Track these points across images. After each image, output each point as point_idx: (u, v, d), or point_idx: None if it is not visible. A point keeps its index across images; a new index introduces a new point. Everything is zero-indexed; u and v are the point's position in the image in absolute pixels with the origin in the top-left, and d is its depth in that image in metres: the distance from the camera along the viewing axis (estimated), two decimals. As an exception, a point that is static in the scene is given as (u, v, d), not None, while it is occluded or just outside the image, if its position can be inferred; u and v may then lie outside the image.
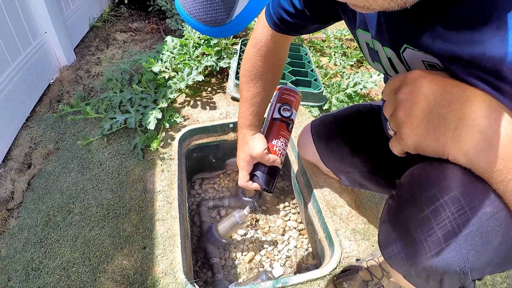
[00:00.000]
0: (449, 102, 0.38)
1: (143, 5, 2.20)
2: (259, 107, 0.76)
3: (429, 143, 0.40)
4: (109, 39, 1.86)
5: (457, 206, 0.40)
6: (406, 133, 0.42)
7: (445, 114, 0.38)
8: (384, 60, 0.52)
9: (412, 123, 0.41)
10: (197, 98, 1.33)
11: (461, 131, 0.37)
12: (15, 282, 0.79)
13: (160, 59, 1.37)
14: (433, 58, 0.41)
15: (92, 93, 1.39)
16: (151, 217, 0.92)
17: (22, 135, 1.19)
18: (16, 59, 1.22)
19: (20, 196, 0.98)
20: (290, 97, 0.80)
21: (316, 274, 0.81)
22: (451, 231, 0.40)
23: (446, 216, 0.40)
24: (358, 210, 0.97)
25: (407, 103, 0.41)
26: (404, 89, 0.41)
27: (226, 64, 1.39)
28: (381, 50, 0.50)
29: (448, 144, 0.39)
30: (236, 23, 0.32)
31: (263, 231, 1.17)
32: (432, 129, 0.39)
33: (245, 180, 0.76)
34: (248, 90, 0.76)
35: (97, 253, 0.84)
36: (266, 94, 0.77)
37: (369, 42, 0.53)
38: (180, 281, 0.78)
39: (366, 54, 0.58)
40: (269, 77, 0.76)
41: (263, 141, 0.75)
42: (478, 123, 0.36)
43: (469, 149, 0.37)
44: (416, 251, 0.43)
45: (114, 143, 1.14)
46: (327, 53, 1.80)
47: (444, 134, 0.38)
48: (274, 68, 0.76)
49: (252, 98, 0.76)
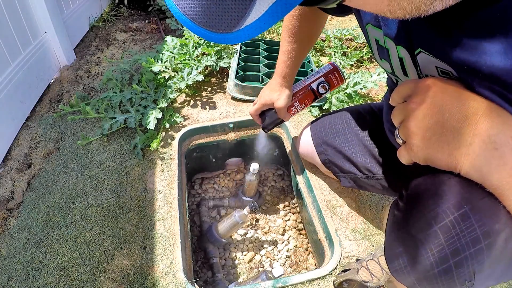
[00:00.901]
0: (464, 116, 0.36)
1: (143, 5, 2.20)
2: (294, 60, 0.84)
3: (441, 157, 0.39)
4: (109, 39, 1.86)
5: (467, 223, 0.39)
6: (416, 145, 0.40)
7: (460, 128, 0.36)
8: (394, 60, 0.50)
9: (424, 135, 0.39)
10: (197, 98, 1.33)
11: (476, 148, 0.36)
12: (15, 282, 0.79)
13: (160, 59, 1.36)
14: (448, 66, 0.39)
15: (92, 93, 1.39)
16: (151, 217, 0.92)
17: (22, 135, 1.19)
18: (16, 59, 1.22)
19: (20, 196, 0.98)
20: (334, 81, 0.88)
21: (316, 274, 0.81)
22: (459, 248, 0.40)
23: (455, 233, 0.40)
24: (358, 210, 0.97)
25: (419, 113, 0.39)
26: (415, 98, 0.40)
27: (226, 64, 1.38)
28: (393, 49, 0.48)
29: (462, 160, 0.37)
30: (242, 34, 0.28)
31: (263, 231, 1.17)
32: (446, 143, 0.38)
33: (255, 113, 0.91)
34: (286, 44, 0.84)
35: (97, 253, 0.84)
36: (301, 51, 0.84)
37: (379, 39, 0.52)
38: (180, 281, 0.78)
39: (374, 50, 0.56)
40: (303, 37, 0.82)
41: (288, 100, 0.86)
42: (494, 140, 0.34)
43: (483, 165, 0.36)
44: (423, 267, 0.43)
45: (114, 143, 1.14)
46: (327, 53, 1.80)
47: (458, 149, 0.37)
48: (309, 31, 0.82)
49: (289, 53, 0.83)
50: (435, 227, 0.42)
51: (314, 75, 0.89)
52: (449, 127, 0.37)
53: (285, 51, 0.84)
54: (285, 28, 0.83)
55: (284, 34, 0.84)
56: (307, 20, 0.80)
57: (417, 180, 0.48)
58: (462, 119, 0.36)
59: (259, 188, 1.25)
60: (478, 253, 0.39)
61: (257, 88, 1.30)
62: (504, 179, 0.35)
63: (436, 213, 0.42)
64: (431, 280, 0.43)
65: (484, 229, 0.38)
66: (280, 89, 0.86)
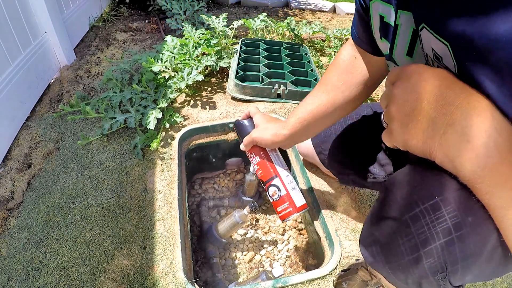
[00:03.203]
0: (441, 105, 0.36)
1: (143, 5, 2.20)
2: (303, 112, 0.73)
3: (416, 143, 0.39)
4: (109, 38, 1.86)
5: (437, 214, 0.39)
6: (395, 130, 0.41)
7: (435, 117, 0.36)
8: (401, 37, 0.46)
9: (402, 121, 0.39)
10: (197, 98, 1.33)
11: (448, 138, 0.35)
12: (15, 282, 0.79)
13: (160, 59, 1.36)
14: (443, 45, 0.37)
15: (92, 93, 1.39)
16: (151, 217, 0.92)
17: (22, 134, 1.19)
18: (16, 59, 1.22)
19: (20, 196, 0.98)
20: (283, 206, 0.77)
21: (316, 274, 0.81)
22: (429, 238, 0.40)
23: (425, 223, 0.40)
24: (358, 210, 0.97)
25: (399, 99, 0.39)
26: (398, 83, 0.40)
27: (226, 64, 1.38)
28: (406, 23, 0.44)
29: (435, 149, 0.37)
30: None
31: (263, 231, 1.17)
32: (421, 131, 0.38)
33: (244, 148, 0.83)
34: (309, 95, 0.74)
35: (97, 253, 0.84)
36: (320, 109, 0.71)
37: (385, 15, 0.48)
38: (180, 281, 0.78)
39: (375, 28, 0.53)
40: (329, 89, 0.70)
41: (269, 140, 0.76)
42: (467, 132, 0.34)
43: (455, 157, 0.36)
44: (394, 255, 0.44)
45: (114, 142, 1.14)
46: (327, 53, 1.80)
47: (432, 138, 0.37)
48: (335, 85, 0.69)
49: (305, 101, 0.74)
50: (406, 216, 0.42)
51: (290, 182, 0.78)
52: (426, 114, 0.37)
53: (303, 101, 0.74)
54: None
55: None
56: (339, 69, 0.69)
57: (395, 172, 0.48)
58: (438, 108, 0.36)
59: (259, 188, 1.25)
60: (448, 244, 0.39)
61: (257, 88, 1.30)
62: (476, 172, 0.34)
63: (407, 203, 0.43)
64: (403, 269, 0.44)
65: (455, 220, 0.38)
66: (274, 137, 0.75)
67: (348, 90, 0.68)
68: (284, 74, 1.40)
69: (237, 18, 2.24)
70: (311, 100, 0.72)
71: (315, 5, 2.68)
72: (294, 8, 2.64)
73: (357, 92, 0.68)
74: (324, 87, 0.71)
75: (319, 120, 0.71)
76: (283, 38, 1.89)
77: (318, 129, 0.76)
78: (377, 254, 0.48)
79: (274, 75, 1.40)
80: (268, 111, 1.26)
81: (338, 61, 0.70)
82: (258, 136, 0.77)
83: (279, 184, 0.77)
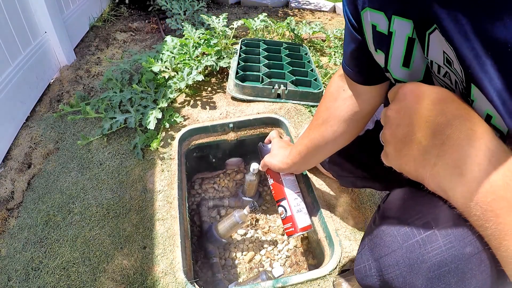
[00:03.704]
0: (432, 133, 0.34)
1: (143, 5, 2.20)
2: (301, 144, 0.78)
3: (409, 170, 0.38)
4: (109, 38, 1.86)
5: (435, 244, 0.39)
6: (390, 153, 0.40)
7: (426, 146, 0.35)
8: (397, 45, 0.43)
9: (395, 146, 0.39)
10: (197, 98, 1.33)
11: (440, 170, 0.34)
12: (15, 282, 0.79)
13: (160, 59, 1.36)
14: (451, 51, 0.34)
15: (92, 93, 1.39)
16: (151, 217, 0.92)
17: (22, 134, 1.19)
18: (16, 59, 1.22)
19: (20, 196, 0.98)
20: (292, 226, 0.86)
21: (316, 274, 0.81)
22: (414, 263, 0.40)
23: (421, 253, 0.39)
24: (358, 210, 0.97)
25: (393, 122, 0.38)
26: (392, 105, 0.39)
27: (226, 64, 1.38)
28: (401, 31, 0.41)
29: (427, 177, 0.36)
30: None
31: (263, 231, 1.17)
32: (412, 159, 0.37)
33: (261, 169, 0.95)
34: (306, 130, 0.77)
35: (97, 253, 0.84)
36: (313, 143, 0.74)
37: (377, 24, 0.45)
38: (180, 281, 0.78)
39: (369, 40, 0.49)
40: (318, 134, 0.72)
41: (278, 163, 0.86)
42: (459, 165, 0.33)
43: (448, 189, 0.35)
44: (386, 282, 0.44)
45: (114, 143, 1.14)
46: (327, 53, 1.80)
47: (423, 167, 0.36)
48: (326, 125, 0.70)
49: (302, 137, 0.78)
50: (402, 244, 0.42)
51: (297, 205, 0.88)
52: (417, 142, 0.36)
53: (302, 135, 0.78)
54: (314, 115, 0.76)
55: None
56: (329, 107, 0.69)
57: (393, 193, 0.48)
58: (429, 136, 0.34)
59: (259, 188, 1.25)
60: (445, 274, 0.38)
61: (257, 88, 1.30)
62: (469, 206, 0.33)
63: (404, 232, 0.42)
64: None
65: (451, 251, 0.38)
66: (280, 165, 0.85)
67: (336, 125, 0.68)
68: (284, 74, 1.40)
69: (237, 18, 2.24)
70: (307, 133, 0.75)
71: (315, 5, 2.68)
72: (294, 8, 2.64)
73: (345, 127, 0.67)
74: (315, 121, 0.72)
75: (314, 153, 0.75)
76: (283, 38, 1.89)
77: (316, 160, 0.82)
78: (369, 272, 0.48)
79: (274, 75, 1.40)
80: (268, 111, 1.26)
81: (327, 93, 0.70)
82: (268, 161, 0.88)
83: (286, 206, 0.88)
